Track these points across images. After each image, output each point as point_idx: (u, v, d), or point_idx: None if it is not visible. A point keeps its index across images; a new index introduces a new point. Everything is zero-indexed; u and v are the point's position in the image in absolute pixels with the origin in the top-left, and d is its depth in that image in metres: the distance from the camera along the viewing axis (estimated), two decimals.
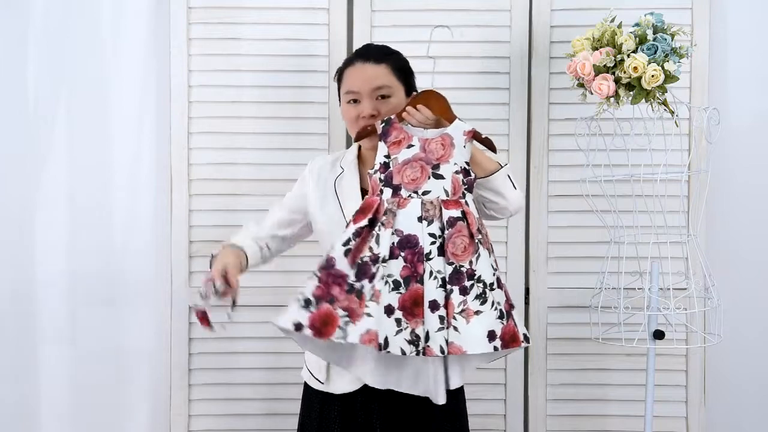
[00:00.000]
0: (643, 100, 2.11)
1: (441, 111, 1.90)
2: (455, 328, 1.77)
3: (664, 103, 2.14)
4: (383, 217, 1.81)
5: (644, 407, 2.29)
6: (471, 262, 1.80)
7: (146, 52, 2.59)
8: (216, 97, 2.54)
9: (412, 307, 1.77)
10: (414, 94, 1.97)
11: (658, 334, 2.21)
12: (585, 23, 2.33)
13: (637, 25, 2.13)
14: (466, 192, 1.85)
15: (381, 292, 1.76)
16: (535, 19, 2.52)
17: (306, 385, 2.01)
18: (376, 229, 1.80)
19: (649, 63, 2.06)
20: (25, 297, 2.60)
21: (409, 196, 1.83)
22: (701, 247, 2.38)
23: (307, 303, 1.78)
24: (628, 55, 2.08)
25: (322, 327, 1.75)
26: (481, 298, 1.80)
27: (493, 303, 1.81)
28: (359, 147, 2.04)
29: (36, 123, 2.59)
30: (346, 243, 1.80)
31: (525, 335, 1.86)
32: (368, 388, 1.89)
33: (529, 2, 2.52)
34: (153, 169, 2.59)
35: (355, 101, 1.93)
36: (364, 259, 1.78)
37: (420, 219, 1.80)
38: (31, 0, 2.57)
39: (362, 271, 1.78)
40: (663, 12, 2.16)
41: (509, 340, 1.81)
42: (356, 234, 1.80)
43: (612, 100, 2.13)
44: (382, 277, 1.76)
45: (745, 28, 2.56)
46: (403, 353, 1.75)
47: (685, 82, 2.43)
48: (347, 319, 1.75)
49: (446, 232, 1.79)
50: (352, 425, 1.93)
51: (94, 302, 2.60)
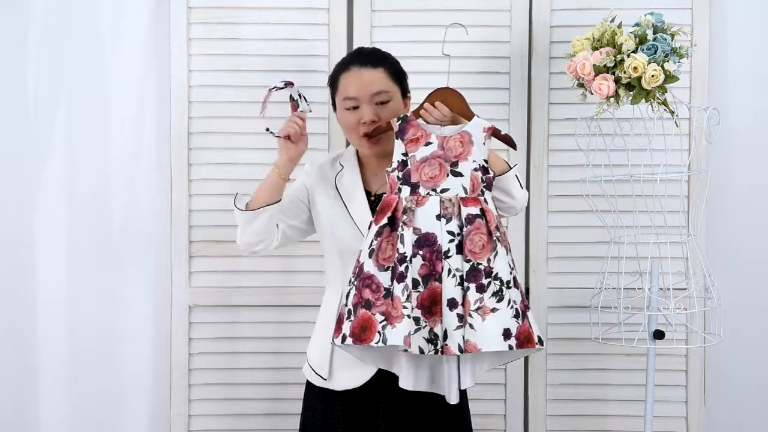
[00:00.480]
0: (643, 100, 2.11)
1: (459, 108, 1.89)
2: (471, 326, 1.76)
3: (664, 103, 2.14)
4: (404, 216, 1.80)
5: (644, 407, 2.29)
6: (489, 260, 1.80)
7: (146, 52, 2.59)
8: (216, 97, 2.54)
9: (430, 306, 1.78)
10: (431, 91, 1.93)
11: (658, 334, 2.21)
12: (585, 23, 2.33)
13: (637, 25, 2.13)
14: (485, 189, 1.85)
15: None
16: (535, 19, 2.52)
17: (308, 383, 2.01)
18: (400, 228, 1.79)
19: (649, 63, 2.06)
20: (25, 297, 2.60)
21: (428, 193, 1.83)
22: (701, 247, 2.38)
23: (349, 314, 1.80)
24: (628, 55, 2.08)
25: (362, 333, 1.76)
26: (498, 295, 1.80)
27: (509, 301, 1.81)
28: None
29: (36, 123, 2.58)
30: (369, 245, 1.81)
31: (539, 337, 1.85)
32: (372, 385, 1.89)
33: (529, 2, 2.52)
34: (153, 169, 2.59)
35: (354, 108, 1.93)
36: (394, 262, 1.78)
37: (438, 217, 1.80)
38: (31, 0, 2.57)
39: (393, 274, 1.78)
40: (663, 12, 2.16)
41: (524, 340, 1.81)
42: (377, 234, 1.81)
43: (612, 100, 2.13)
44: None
45: (745, 28, 2.56)
46: (421, 352, 1.76)
47: (685, 82, 2.43)
48: (385, 323, 1.75)
49: (465, 229, 1.79)
50: (356, 423, 1.93)
51: (94, 302, 2.60)
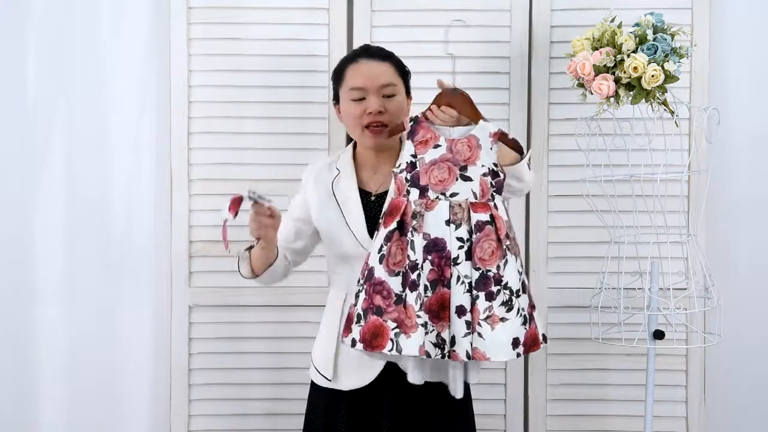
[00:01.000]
0: (643, 100, 2.11)
1: (467, 111, 1.86)
2: (480, 335, 1.75)
3: (664, 103, 2.14)
4: (413, 221, 1.78)
5: (644, 407, 2.29)
6: (498, 267, 1.78)
7: (146, 52, 2.59)
8: (216, 97, 2.54)
9: (438, 311, 1.77)
10: (440, 91, 1.91)
11: (658, 334, 2.21)
12: (585, 23, 2.33)
13: (637, 25, 2.13)
14: (494, 194, 1.82)
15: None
16: (535, 19, 2.52)
17: (312, 383, 2.01)
18: (409, 235, 1.78)
19: (649, 63, 2.06)
20: (25, 297, 2.60)
21: (437, 197, 1.80)
22: (701, 247, 2.38)
23: (359, 318, 1.79)
24: (628, 55, 2.08)
25: (372, 339, 1.76)
26: (507, 305, 1.78)
27: (518, 310, 1.79)
28: (354, 147, 2.04)
29: (35, 123, 2.58)
30: (379, 249, 1.79)
31: (543, 335, 1.86)
32: (376, 384, 1.89)
33: (529, 2, 2.52)
34: (153, 169, 2.59)
35: (360, 99, 1.92)
36: (404, 267, 1.77)
37: (448, 222, 1.78)
38: (31, 0, 2.57)
39: (404, 281, 1.77)
40: (663, 12, 2.16)
41: (530, 344, 1.81)
42: (387, 238, 1.79)
43: (612, 100, 2.13)
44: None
45: (745, 29, 2.56)
46: (428, 356, 1.75)
47: (685, 82, 2.42)
48: (398, 330, 1.75)
49: (474, 236, 1.77)
50: (360, 422, 1.93)
51: (94, 302, 2.60)
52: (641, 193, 2.22)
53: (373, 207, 1.94)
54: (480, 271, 1.76)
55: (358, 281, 1.83)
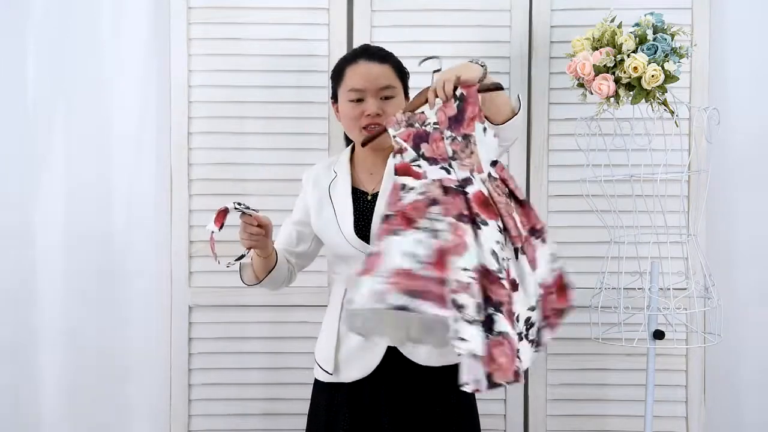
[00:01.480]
0: (643, 100, 2.11)
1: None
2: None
3: (664, 103, 2.14)
4: None
5: (644, 407, 2.29)
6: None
7: (146, 52, 2.59)
8: (216, 97, 2.54)
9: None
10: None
11: (658, 334, 2.21)
12: (585, 23, 2.33)
13: (637, 25, 2.13)
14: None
15: None
16: (535, 19, 2.52)
17: (315, 381, 2.03)
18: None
19: (649, 63, 2.06)
20: (25, 297, 2.60)
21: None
22: (701, 247, 2.38)
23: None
24: (628, 55, 2.08)
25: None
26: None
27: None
28: (352, 149, 2.04)
29: (35, 123, 2.58)
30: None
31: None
32: (376, 376, 1.90)
33: (529, 2, 2.52)
34: (153, 169, 2.59)
35: (358, 100, 1.92)
36: None
37: None
38: (31, 0, 2.57)
39: None
40: (663, 12, 2.16)
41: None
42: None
43: (612, 100, 2.13)
44: None
45: (745, 29, 2.56)
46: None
47: (685, 82, 2.42)
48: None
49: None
50: (360, 413, 1.93)
51: (94, 302, 2.60)
52: (641, 193, 2.22)
53: (369, 207, 1.94)
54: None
55: None
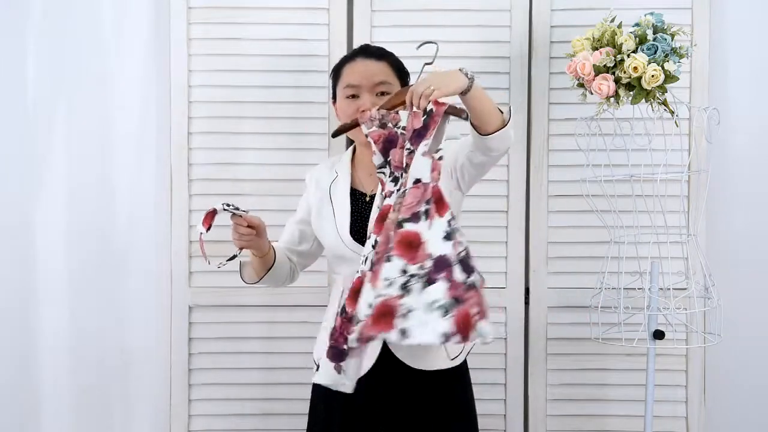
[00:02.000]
0: (643, 100, 2.11)
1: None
2: None
3: (664, 103, 2.14)
4: None
5: (644, 407, 2.29)
6: None
7: (146, 52, 2.59)
8: (216, 97, 2.54)
9: None
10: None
11: (658, 334, 2.21)
12: (585, 23, 2.33)
13: (637, 25, 2.13)
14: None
15: None
16: (535, 19, 2.52)
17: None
18: None
19: (649, 63, 2.06)
20: (25, 297, 2.60)
21: None
22: (701, 247, 2.38)
23: None
24: (628, 55, 2.08)
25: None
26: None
27: None
28: (354, 149, 2.04)
29: (36, 123, 2.58)
30: None
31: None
32: (370, 377, 1.89)
33: (529, 2, 2.52)
34: (153, 168, 2.59)
35: (354, 96, 1.93)
36: None
37: None
38: (31, 0, 2.57)
39: None
40: (663, 12, 2.16)
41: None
42: None
43: (612, 100, 2.13)
44: None
45: (745, 28, 2.56)
46: None
47: (685, 82, 2.42)
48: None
49: None
50: (354, 412, 1.93)
51: (94, 302, 2.60)
52: (641, 193, 2.22)
53: (367, 208, 1.94)
54: None
55: None
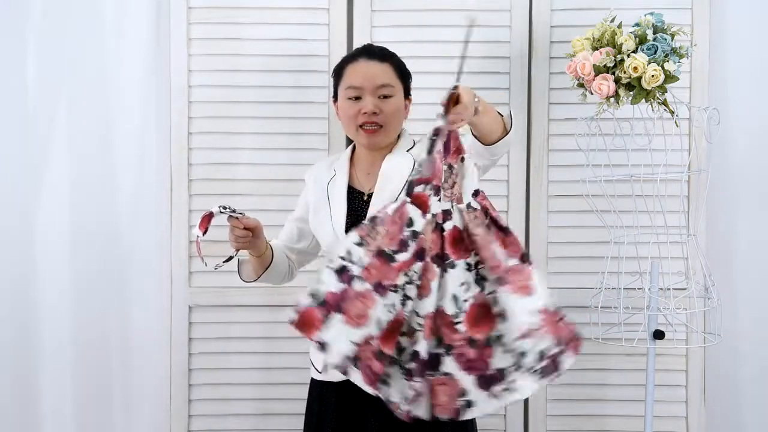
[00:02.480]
0: (643, 100, 2.11)
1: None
2: None
3: (664, 103, 2.15)
4: None
5: (644, 407, 2.29)
6: None
7: (146, 52, 2.59)
8: (216, 97, 2.54)
9: None
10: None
11: (658, 334, 2.21)
12: (585, 23, 2.33)
13: (637, 25, 2.13)
14: None
15: None
16: (535, 19, 2.52)
17: (311, 380, 2.04)
18: None
19: (649, 63, 2.06)
20: (26, 297, 2.60)
21: None
22: (701, 247, 2.38)
23: None
24: (628, 55, 2.08)
25: None
26: None
27: None
28: (353, 148, 2.04)
29: (36, 123, 2.58)
30: None
31: None
32: None
33: (529, 2, 2.52)
34: (153, 169, 2.59)
35: (356, 98, 1.93)
36: None
37: None
38: (31, 0, 2.57)
39: None
40: (663, 12, 2.16)
41: None
42: None
43: (612, 100, 2.13)
44: None
45: (745, 28, 2.56)
46: None
47: (685, 82, 2.42)
48: None
49: None
50: (347, 410, 1.94)
51: (94, 302, 2.60)
52: (641, 193, 2.22)
53: (364, 206, 1.94)
54: None
55: None
